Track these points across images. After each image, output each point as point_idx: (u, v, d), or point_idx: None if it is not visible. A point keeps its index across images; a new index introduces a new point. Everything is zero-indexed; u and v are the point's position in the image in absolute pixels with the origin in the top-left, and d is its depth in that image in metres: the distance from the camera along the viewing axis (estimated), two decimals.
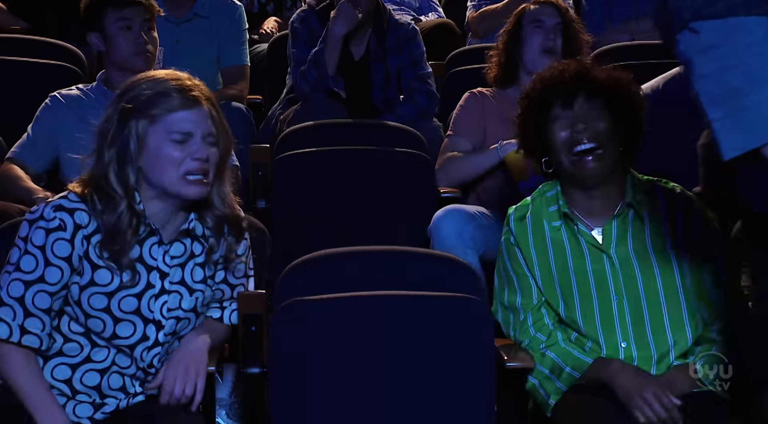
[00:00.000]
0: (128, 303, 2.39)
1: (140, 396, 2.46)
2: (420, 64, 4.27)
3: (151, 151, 2.36)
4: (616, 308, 2.58)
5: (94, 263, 2.36)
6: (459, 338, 2.67)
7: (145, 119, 2.36)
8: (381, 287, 2.75)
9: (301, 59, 4.19)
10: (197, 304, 2.48)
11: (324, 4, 4.27)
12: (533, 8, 3.82)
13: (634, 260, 2.59)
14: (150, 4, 3.56)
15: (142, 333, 2.41)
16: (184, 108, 2.37)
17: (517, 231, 2.69)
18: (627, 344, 2.57)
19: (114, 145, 2.36)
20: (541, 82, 2.70)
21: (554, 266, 2.64)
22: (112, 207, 2.35)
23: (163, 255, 2.42)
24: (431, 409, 2.65)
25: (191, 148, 2.36)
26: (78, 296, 2.36)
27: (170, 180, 2.36)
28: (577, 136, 2.59)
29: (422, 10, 5.45)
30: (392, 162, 3.72)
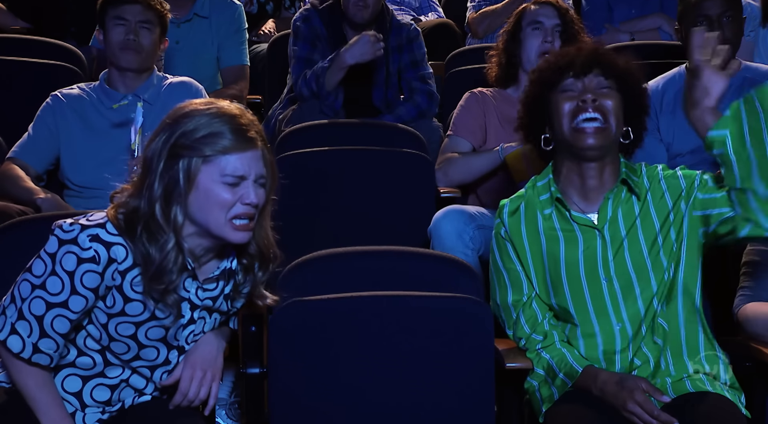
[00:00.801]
0: (156, 332, 2.36)
1: (145, 395, 2.45)
2: (421, 65, 4.28)
3: (201, 190, 2.28)
4: (606, 289, 2.58)
5: (128, 296, 2.31)
6: (458, 338, 2.67)
7: (198, 158, 2.27)
8: (381, 287, 2.75)
9: (303, 58, 4.19)
10: (215, 325, 2.48)
11: (327, 4, 4.27)
12: (533, 9, 3.82)
13: (624, 238, 2.59)
14: (149, 5, 3.58)
15: (165, 358, 2.41)
16: (240, 150, 2.29)
17: (510, 224, 2.68)
18: (622, 325, 2.57)
19: (163, 180, 2.27)
20: (555, 57, 2.68)
21: (545, 256, 2.64)
22: (157, 243, 2.27)
23: (196, 290, 2.38)
24: (431, 409, 2.66)
25: (243, 191, 2.29)
26: (106, 321, 2.33)
27: (217, 223, 2.29)
28: (583, 105, 2.57)
29: (422, 10, 5.45)
30: (392, 162, 3.72)
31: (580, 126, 2.57)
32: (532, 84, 2.70)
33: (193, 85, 3.68)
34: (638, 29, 5.03)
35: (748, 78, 3.67)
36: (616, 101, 2.60)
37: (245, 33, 4.59)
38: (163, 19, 3.64)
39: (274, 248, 2.46)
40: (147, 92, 3.59)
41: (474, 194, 3.73)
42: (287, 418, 2.64)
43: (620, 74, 2.63)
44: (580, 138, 2.57)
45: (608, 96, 2.60)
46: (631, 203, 2.62)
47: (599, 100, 2.58)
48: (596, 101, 2.57)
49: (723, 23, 3.60)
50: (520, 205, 2.69)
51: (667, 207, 2.60)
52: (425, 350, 2.66)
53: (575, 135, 2.58)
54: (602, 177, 2.63)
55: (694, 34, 2.56)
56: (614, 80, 2.62)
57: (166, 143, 2.28)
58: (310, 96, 4.14)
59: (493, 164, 3.59)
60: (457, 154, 3.69)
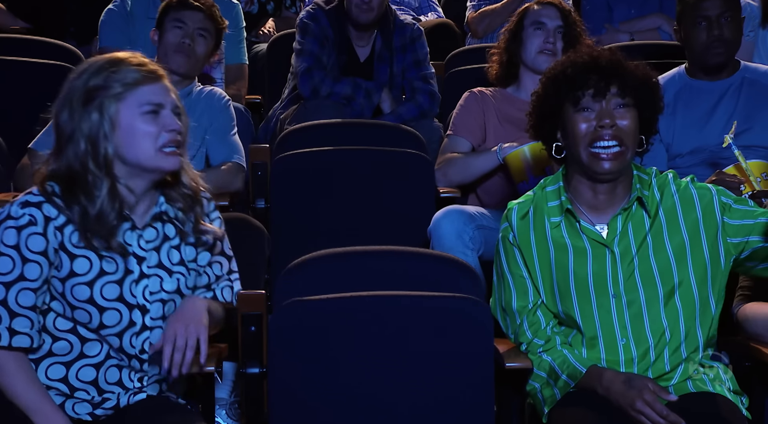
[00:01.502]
0: (110, 290, 2.38)
1: (141, 394, 2.44)
2: (423, 65, 4.28)
3: (125, 128, 2.36)
4: (614, 306, 2.56)
5: (72, 253, 2.36)
6: (459, 338, 2.66)
7: (110, 99, 2.36)
8: (380, 287, 2.75)
9: (313, 53, 4.18)
10: (180, 286, 2.47)
11: (333, 5, 4.27)
12: (536, 9, 3.80)
13: (635, 255, 2.56)
14: (212, 15, 3.68)
15: (128, 320, 2.40)
16: (150, 82, 2.39)
17: (519, 230, 2.64)
18: (626, 341, 2.55)
19: (83, 134, 2.35)
20: (572, 66, 2.59)
21: (554, 265, 2.61)
22: (93, 193, 2.34)
23: (138, 240, 2.42)
24: (431, 409, 2.65)
25: (164, 120, 2.39)
26: (62, 288, 2.36)
27: (147, 155, 2.37)
28: (601, 132, 2.52)
29: (422, 9, 5.45)
30: (392, 162, 3.72)
31: (596, 151, 2.53)
32: (545, 89, 2.63)
33: (224, 95, 3.77)
34: (638, 29, 5.03)
35: (748, 78, 3.67)
36: (633, 119, 2.55)
37: (243, 32, 4.60)
38: (219, 33, 3.76)
39: (201, 183, 2.53)
40: (185, 99, 3.64)
41: (474, 194, 3.73)
42: (287, 418, 2.64)
43: (637, 86, 2.57)
44: (597, 163, 2.53)
45: (625, 116, 2.54)
46: (641, 218, 2.58)
47: (617, 125, 2.52)
48: (614, 126, 2.52)
49: (722, 23, 3.60)
50: (529, 210, 2.65)
51: (684, 224, 2.58)
52: (425, 350, 2.66)
53: (591, 159, 2.54)
54: (614, 191, 2.59)
55: None
56: (631, 96, 2.56)
57: (76, 98, 2.37)
58: (310, 95, 4.14)
59: (492, 165, 3.59)
60: (456, 155, 3.69)
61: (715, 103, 3.64)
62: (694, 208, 2.58)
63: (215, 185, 3.53)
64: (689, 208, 2.58)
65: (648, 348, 2.55)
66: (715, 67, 3.65)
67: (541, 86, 2.66)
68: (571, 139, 2.57)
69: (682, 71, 3.73)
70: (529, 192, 2.70)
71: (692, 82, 3.68)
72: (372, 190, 3.66)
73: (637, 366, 2.55)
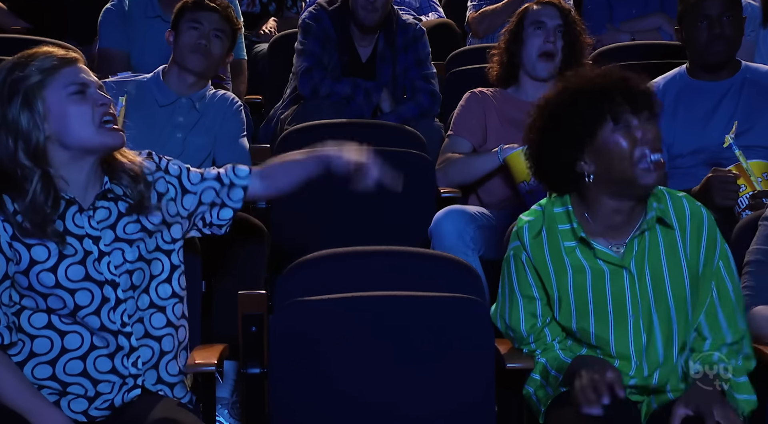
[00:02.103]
0: (75, 271, 2.38)
1: (136, 390, 2.43)
2: (425, 64, 4.28)
3: (56, 114, 2.36)
4: (632, 327, 2.53)
5: (26, 242, 2.35)
6: (459, 338, 2.67)
7: (33, 88, 2.35)
8: (381, 287, 2.75)
9: (314, 54, 4.19)
10: (141, 252, 2.46)
11: (336, 6, 4.27)
12: (536, 9, 3.81)
13: (647, 274, 2.54)
14: (227, 16, 3.70)
15: (101, 296, 2.39)
16: (68, 64, 2.39)
17: (534, 250, 2.57)
18: (639, 362, 2.54)
19: (11, 127, 2.34)
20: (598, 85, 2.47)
21: (571, 285, 2.56)
22: (20, 187, 2.33)
23: (88, 221, 2.41)
24: (431, 409, 2.66)
25: (93, 96, 2.39)
26: (27, 282, 2.35)
27: (89, 135, 2.37)
28: (651, 145, 2.43)
29: (422, 9, 5.45)
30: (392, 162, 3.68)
31: (648, 165, 2.44)
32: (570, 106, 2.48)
33: (237, 100, 3.79)
34: (638, 29, 5.03)
35: (748, 78, 3.67)
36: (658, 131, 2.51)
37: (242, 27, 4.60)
38: (235, 34, 3.78)
39: (135, 156, 2.51)
40: (200, 101, 3.66)
41: (474, 194, 3.73)
42: (287, 418, 2.64)
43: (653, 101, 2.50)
44: (649, 177, 2.44)
45: (655, 127, 2.48)
46: (656, 237, 2.55)
47: (658, 138, 2.47)
48: (656, 138, 2.46)
49: (723, 23, 3.60)
50: (542, 230, 2.57)
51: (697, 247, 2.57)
52: (425, 350, 2.66)
53: (644, 174, 2.44)
54: (635, 209, 2.54)
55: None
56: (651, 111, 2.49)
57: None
58: (310, 95, 4.14)
59: (493, 165, 3.59)
60: (457, 155, 3.69)
61: (716, 104, 3.63)
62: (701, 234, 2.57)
63: None
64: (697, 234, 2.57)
65: (657, 371, 2.54)
66: (716, 66, 3.65)
67: (563, 103, 2.51)
68: (610, 160, 2.45)
69: (683, 71, 3.72)
70: (535, 207, 2.62)
71: (693, 83, 3.68)
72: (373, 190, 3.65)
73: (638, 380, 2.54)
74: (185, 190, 2.58)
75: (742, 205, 3.26)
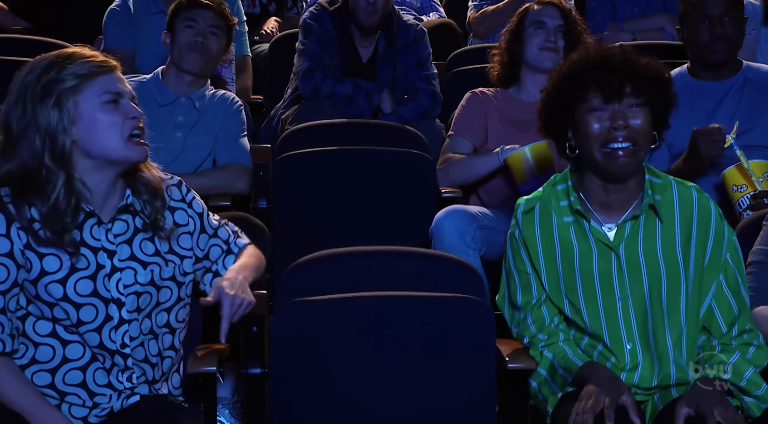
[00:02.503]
0: (84, 286, 2.35)
1: (135, 397, 2.42)
2: (426, 65, 4.28)
3: (87, 121, 2.33)
4: (621, 308, 2.55)
5: (39, 252, 2.33)
6: (460, 338, 2.66)
7: (67, 92, 2.33)
8: (382, 287, 2.75)
9: (316, 54, 4.19)
10: (154, 277, 2.44)
11: (337, 7, 4.27)
12: (536, 8, 3.81)
13: (642, 260, 2.55)
14: (222, 13, 3.70)
15: (105, 314, 2.37)
16: (104, 73, 2.37)
17: (524, 225, 2.63)
18: (632, 346, 2.54)
19: (39, 129, 2.31)
20: (581, 66, 2.56)
21: (560, 264, 2.60)
22: (43, 190, 2.31)
23: (105, 234, 2.39)
24: (433, 409, 2.65)
25: (125, 108, 2.36)
26: (35, 290, 2.34)
27: (114, 146, 2.35)
28: (615, 133, 2.49)
29: (423, 10, 5.44)
30: (393, 162, 3.72)
31: (610, 151, 2.50)
32: (555, 88, 2.60)
33: (237, 100, 3.79)
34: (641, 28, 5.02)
35: (750, 78, 3.67)
36: (646, 118, 2.52)
37: (244, 25, 4.62)
38: (230, 30, 3.78)
39: (162, 174, 2.50)
40: (199, 100, 3.66)
41: (475, 195, 3.73)
42: (288, 418, 2.64)
43: (650, 85, 2.53)
44: (611, 162, 2.50)
45: (638, 116, 2.51)
46: (654, 224, 2.57)
47: (630, 125, 2.49)
48: (627, 127, 2.49)
49: (725, 23, 3.60)
50: (535, 206, 2.64)
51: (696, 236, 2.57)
52: (426, 350, 2.66)
53: (606, 158, 2.51)
54: (626, 191, 2.56)
55: None
56: (645, 95, 2.53)
57: (30, 95, 2.32)
58: (311, 95, 4.14)
59: (494, 166, 3.59)
60: (458, 155, 3.69)
61: (718, 103, 3.63)
62: (709, 227, 2.58)
63: (218, 185, 3.56)
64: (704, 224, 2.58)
65: (652, 358, 2.54)
66: (717, 65, 3.65)
67: (551, 85, 2.62)
68: (584, 139, 2.54)
69: (684, 71, 3.73)
70: (540, 189, 2.69)
71: (694, 83, 3.68)
72: (374, 190, 3.66)
73: (640, 373, 2.55)
74: (203, 230, 2.57)
75: (743, 206, 3.26)
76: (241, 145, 3.72)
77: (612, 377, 2.48)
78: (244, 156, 3.70)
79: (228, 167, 3.66)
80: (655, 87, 2.55)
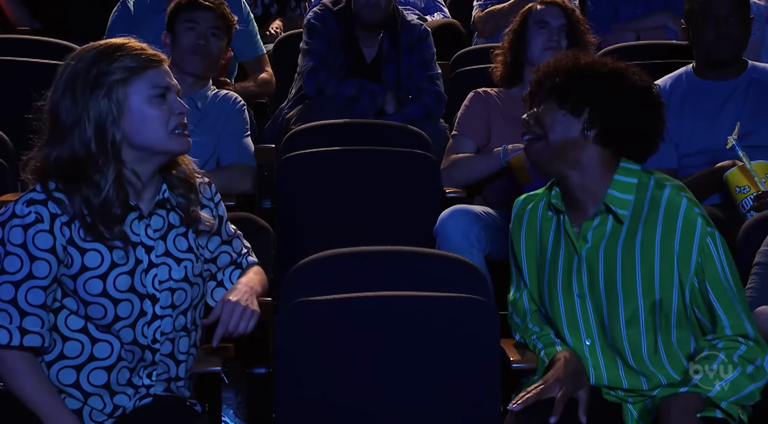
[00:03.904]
0: (122, 282, 2.36)
1: (148, 398, 2.42)
2: (430, 65, 4.28)
3: (135, 113, 2.35)
4: (579, 306, 2.56)
5: (82, 247, 2.33)
6: (465, 338, 2.66)
7: (118, 83, 2.34)
8: (386, 287, 2.75)
9: (320, 54, 4.19)
10: (188, 273, 2.45)
11: (340, 6, 4.27)
12: (539, 8, 3.82)
13: (601, 261, 2.54)
14: (222, 13, 3.70)
15: (139, 309, 2.38)
16: (154, 66, 2.39)
17: (515, 221, 2.70)
18: (591, 342, 2.56)
19: (91, 118, 2.33)
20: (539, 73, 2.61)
21: (538, 258, 2.64)
22: (95, 182, 2.32)
23: (145, 229, 2.40)
24: (437, 409, 2.65)
25: (172, 103, 2.39)
26: (74, 285, 2.34)
27: (159, 139, 2.36)
28: (522, 128, 2.59)
29: (428, 10, 5.45)
30: (397, 162, 3.72)
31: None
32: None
33: (238, 99, 3.78)
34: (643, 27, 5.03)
35: (755, 78, 3.67)
36: (546, 109, 2.54)
37: (253, 24, 4.59)
38: (231, 30, 3.78)
39: (195, 168, 2.52)
40: (202, 100, 3.67)
41: (480, 195, 3.73)
42: (293, 418, 2.64)
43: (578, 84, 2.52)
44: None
45: (545, 108, 2.54)
46: (617, 224, 2.53)
47: (537, 119, 2.54)
48: (529, 123, 2.56)
49: (730, 23, 3.60)
50: (528, 206, 2.68)
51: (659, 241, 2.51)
52: (430, 350, 2.66)
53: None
54: (584, 191, 2.54)
55: None
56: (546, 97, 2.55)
57: (80, 84, 2.33)
58: (315, 95, 4.15)
59: (496, 167, 3.60)
60: (461, 156, 3.69)
61: (722, 103, 3.63)
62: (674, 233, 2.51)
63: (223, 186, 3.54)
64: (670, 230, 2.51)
65: (614, 358, 2.54)
66: (722, 65, 3.65)
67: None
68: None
69: (689, 71, 3.72)
70: (541, 188, 2.71)
71: (699, 83, 3.68)
72: (378, 190, 3.66)
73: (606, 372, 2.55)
74: (218, 233, 2.58)
75: (747, 207, 3.26)
76: (245, 145, 3.72)
77: (577, 371, 2.50)
78: (248, 156, 3.70)
79: (232, 168, 3.66)
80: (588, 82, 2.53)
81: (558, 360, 2.52)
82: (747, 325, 2.48)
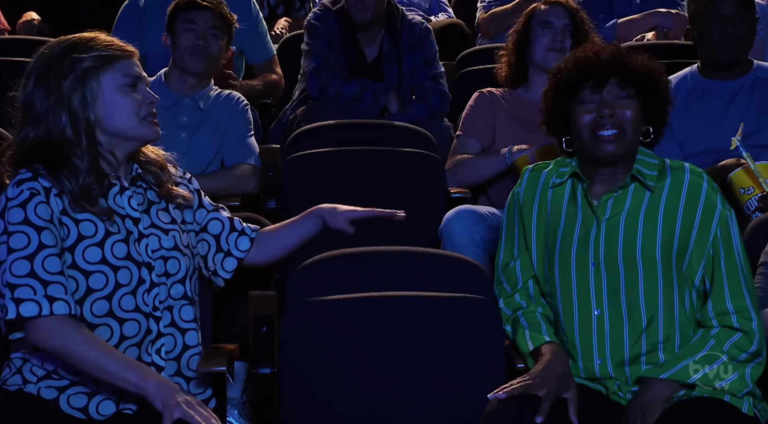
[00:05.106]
0: (119, 249, 2.41)
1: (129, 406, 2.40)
2: (433, 64, 4.28)
3: (107, 101, 2.42)
4: (593, 275, 2.58)
5: (75, 218, 2.38)
6: (469, 338, 2.67)
7: (91, 71, 2.42)
8: (391, 287, 2.75)
9: (322, 54, 4.19)
10: (177, 243, 2.50)
11: (340, 6, 4.27)
12: (543, 9, 3.82)
13: (621, 230, 2.58)
14: (221, 13, 3.70)
15: (138, 277, 2.42)
16: (125, 57, 2.46)
17: (528, 184, 2.72)
18: (600, 312, 2.57)
19: (65, 104, 2.40)
20: (574, 62, 2.67)
21: (548, 226, 2.65)
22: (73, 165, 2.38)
23: (128, 201, 2.46)
24: (441, 409, 2.65)
25: (143, 93, 2.47)
26: (72, 259, 2.36)
27: (130, 125, 2.45)
28: (601, 121, 2.58)
29: (432, 10, 5.45)
30: (402, 162, 3.72)
31: (597, 137, 2.60)
32: (551, 89, 2.70)
33: (242, 99, 3.78)
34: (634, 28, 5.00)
35: (760, 78, 3.66)
36: (635, 109, 2.61)
37: (262, 24, 4.58)
38: (230, 29, 3.77)
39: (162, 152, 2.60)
40: (204, 101, 3.66)
41: (484, 195, 3.73)
42: (298, 418, 2.64)
43: (639, 78, 2.62)
44: (599, 147, 2.60)
45: (626, 106, 2.60)
46: (640, 197, 2.61)
47: (616, 114, 2.59)
48: (613, 116, 2.58)
49: (735, 23, 3.60)
50: (542, 174, 2.71)
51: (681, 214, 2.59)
52: (436, 350, 2.66)
53: (594, 144, 2.60)
54: (615, 176, 2.63)
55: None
56: (633, 87, 2.61)
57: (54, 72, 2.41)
58: (318, 95, 4.15)
59: (501, 167, 3.60)
60: (466, 156, 3.69)
61: (728, 103, 3.63)
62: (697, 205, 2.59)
63: (228, 186, 3.56)
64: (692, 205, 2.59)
65: (622, 327, 2.56)
66: (727, 64, 3.65)
67: (548, 86, 2.74)
68: (576, 131, 2.64)
69: (694, 71, 3.72)
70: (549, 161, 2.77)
71: (705, 82, 3.68)
72: (383, 190, 3.66)
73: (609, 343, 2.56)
74: (201, 205, 2.64)
75: (751, 208, 3.26)
76: (249, 145, 3.72)
77: (564, 375, 2.51)
78: (252, 156, 3.70)
79: (236, 168, 3.66)
80: (643, 80, 2.63)
81: (544, 355, 2.55)
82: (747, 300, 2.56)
